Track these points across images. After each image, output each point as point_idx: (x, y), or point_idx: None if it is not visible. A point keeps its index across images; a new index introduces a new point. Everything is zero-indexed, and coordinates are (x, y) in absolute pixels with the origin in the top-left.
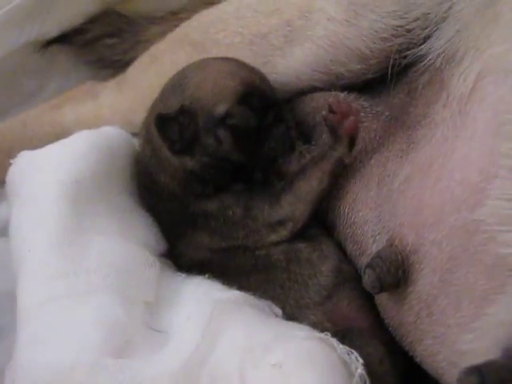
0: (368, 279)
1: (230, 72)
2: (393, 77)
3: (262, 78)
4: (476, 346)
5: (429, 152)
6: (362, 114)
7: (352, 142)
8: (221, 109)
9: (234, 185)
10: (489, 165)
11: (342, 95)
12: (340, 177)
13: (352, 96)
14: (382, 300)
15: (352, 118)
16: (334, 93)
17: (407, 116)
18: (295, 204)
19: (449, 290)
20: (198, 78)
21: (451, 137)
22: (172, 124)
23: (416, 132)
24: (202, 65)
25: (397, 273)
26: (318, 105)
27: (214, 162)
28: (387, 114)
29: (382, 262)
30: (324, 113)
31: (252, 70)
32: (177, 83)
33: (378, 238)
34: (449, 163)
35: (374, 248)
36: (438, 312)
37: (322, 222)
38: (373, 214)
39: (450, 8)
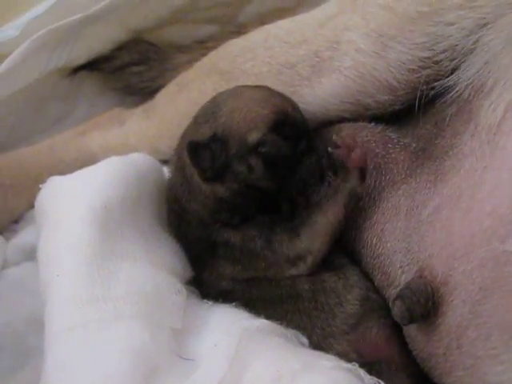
0: (398, 310)
1: (262, 100)
2: (420, 108)
3: (294, 106)
4: (506, 377)
5: (457, 183)
6: (390, 146)
7: (363, 173)
8: (253, 137)
9: (259, 216)
10: None
11: (369, 126)
12: (368, 208)
13: (379, 127)
14: (411, 331)
15: (357, 150)
16: (361, 124)
17: (435, 147)
18: (313, 238)
19: (479, 322)
20: (230, 106)
21: (480, 167)
22: (204, 151)
23: (444, 163)
24: (234, 92)
25: (427, 304)
26: (345, 135)
27: (244, 189)
28: (414, 145)
29: (411, 293)
30: (330, 149)
31: (284, 98)
32: (209, 111)
33: (406, 268)
34: (478, 194)
35: (402, 279)
36: (468, 344)
37: (348, 252)
38: (401, 245)
39: (477, 40)
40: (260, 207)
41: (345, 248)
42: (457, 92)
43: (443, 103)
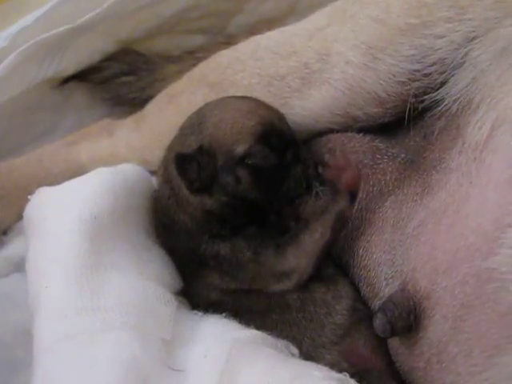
0: (379, 323)
1: (248, 111)
2: (410, 121)
3: (281, 117)
4: None
5: (443, 197)
6: (378, 156)
7: (353, 195)
8: (240, 148)
9: (248, 228)
10: (503, 214)
11: (357, 136)
12: (356, 218)
13: (368, 138)
14: (394, 344)
15: (349, 171)
16: (349, 134)
17: (423, 160)
18: (299, 257)
19: (460, 338)
20: (216, 118)
21: (466, 183)
22: (191, 163)
23: (431, 177)
24: (220, 104)
25: (408, 318)
26: (334, 146)
27: (232, 201)
28: (403, 156)
29: (393, 307)
30: (320, 170)
31: (270, 109)
32: (195, 122)
33: (390, 281)
34: (463, 210)
35: (386, 291)
36: (449, 359)
37: (336, 263)
38: (386, 257)
39: (466, 54)
40: (248, 218)
41: (334, 259)
42: (445, 106)
43: (432, 116)
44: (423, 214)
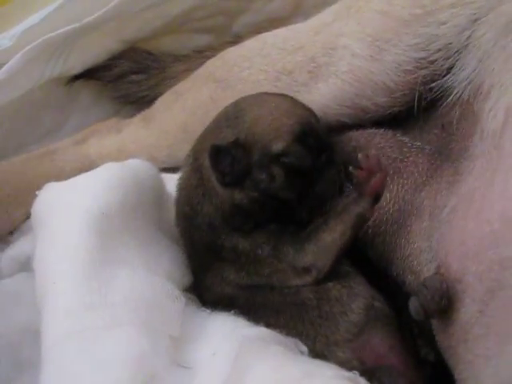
0: (413, 306)
1: (287, 109)
2: (420, 109)
3: (317, 117)
4: (493, 382)
5: (471, 183)
6: (405, 150)
7: (377, 197)
8: (278, 146)
9: (268, 224)
10: None
11: (380, 132)
12: (394, 212)
13: (390, 133)
14: (434, 324)
15: (379, 175)
16: (370, 130)
17: (450, 151)
18: (319, 254)
19: (482, 321)
20: (255, 113)
21: (490, 169)
22: (225, 156)
23: (460, 164)
24: (259, 100)
25: (440, 301)
26: (358, 144)
27: (262, 197)
28: (428, 148)
29: (426, 290)
30: (351, 169)
31: (308, 109)
32: (232, 116)
33: (429, 266)
34: (489, 195)
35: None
36: (472, 340)
37: (355, 261)
38: (425, 244)
39: (470, 36)
40: (275, 216)
41: (351, 256)
42: (456, 94)
43: (446, 106)
44: (455, 201)
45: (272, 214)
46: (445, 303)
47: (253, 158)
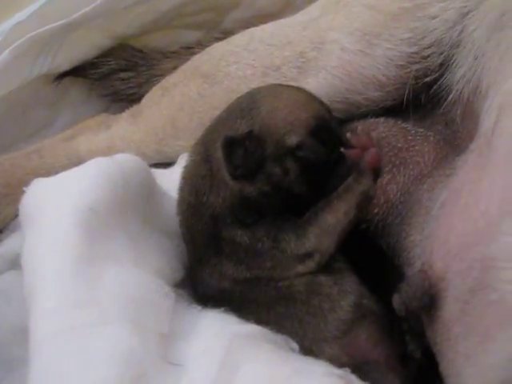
0: (395, 303)
1: (303, 103)
2: (409, 102)
3: (331, 112)
4: (473, 382)
5: (461, 178)
6: (410, 138)
7: (376, 173)
8: (292, 139)
9: (271, 217)
10: (505, 199)
11: (381, 120)
12: (398, 203)
13: (391, 121)
14: (424, 320)
15: (372, 149)
16: (372, 120)
17: (456, 146)
18: (321, 236)
19: (463, 320)
20: (270, 105)
21: (480, 165)
22: (238, 148)
23: (458, 159)
24: (274, 92)
25: (422, 298)
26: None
27: (273, 191)
28: (432, 134)
29: (408, 288)
30: (343, 150)
31: (322, 104)
32: (245, 107)
33: (418, 262)
34: (475, 191)
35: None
36: (453, 338)
37: (349, 257)
38: (418, 238)
39: (462, 31)
40: (282, 210)
41: (342, 251)
42: (456, 92)
43: (447, 105)
44: (445, 195)
45: (281, 208)
46: (426, 301)
47: (266, 150)
